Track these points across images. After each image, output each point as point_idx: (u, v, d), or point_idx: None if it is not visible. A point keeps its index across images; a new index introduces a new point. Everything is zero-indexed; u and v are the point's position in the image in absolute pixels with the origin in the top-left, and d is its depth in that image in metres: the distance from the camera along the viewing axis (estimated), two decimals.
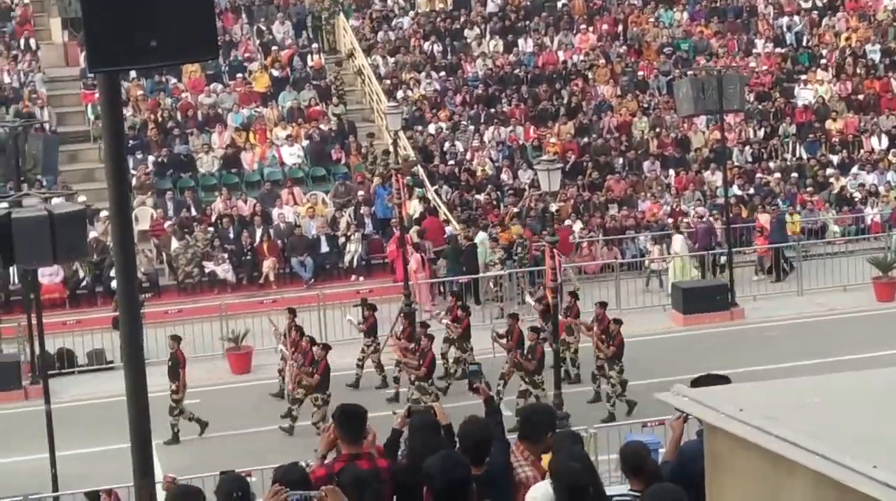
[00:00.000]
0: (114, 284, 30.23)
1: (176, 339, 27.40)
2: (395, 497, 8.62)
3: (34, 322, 26.19)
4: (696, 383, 9.38)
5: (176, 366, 26.82)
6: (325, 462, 9.15)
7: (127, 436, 7.57)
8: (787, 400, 5.70)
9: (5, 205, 22.43)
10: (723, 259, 35.74)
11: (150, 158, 37.77)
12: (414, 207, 36.26)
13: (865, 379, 6.78)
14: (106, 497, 22.20)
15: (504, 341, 25.87)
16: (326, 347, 24.73)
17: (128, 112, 36.51)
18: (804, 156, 40.17)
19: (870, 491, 4.36)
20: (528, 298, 31.12)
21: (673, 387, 6.84)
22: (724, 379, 9.47)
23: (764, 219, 35.89)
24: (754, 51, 45.86)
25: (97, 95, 33.86)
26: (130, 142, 35.91)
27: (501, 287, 34.13)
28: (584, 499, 7.37)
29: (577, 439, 9.84)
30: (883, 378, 6.58)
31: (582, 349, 27.28)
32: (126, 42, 6.52)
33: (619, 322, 26.56)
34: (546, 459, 8.66)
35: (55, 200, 25.98)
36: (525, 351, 25.11)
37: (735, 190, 38.11)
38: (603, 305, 28.44)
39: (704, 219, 36.91)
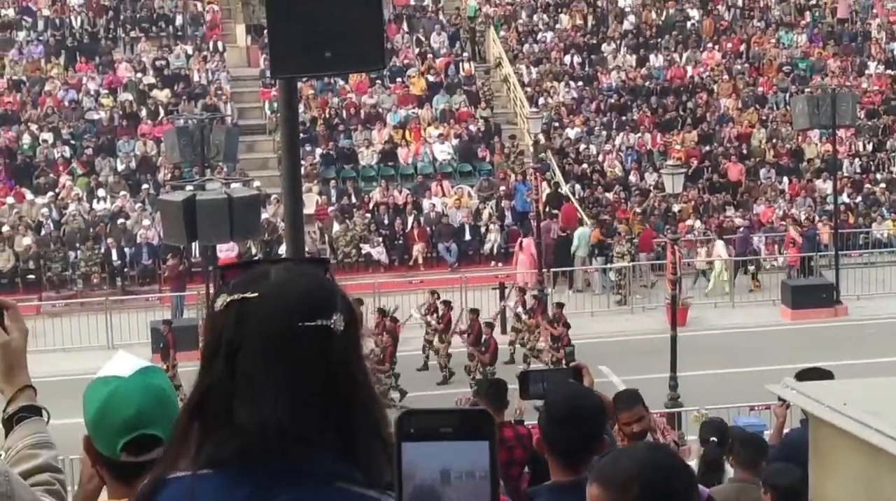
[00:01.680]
0: None
1: (168, 323, 27.22)
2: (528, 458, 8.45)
3: (212, 291, 25.82)
4: (801, 376, 8.86)
5: (167, 348, 26.75)
6: None
7: None
8: (888, 396, 5.37)
9: (191, 188, 24.03)
10: (751, 267, 35.07)
11: (318, 150, 37.73)
12: (548, 197, 36.37)
13: None
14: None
15: (467, 336, 25.33)
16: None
17: (299, 109, 36.75)
18: None
19: None
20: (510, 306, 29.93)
21: (782, 380, 6.61)
22: (828, 375, 9.11)
23: (794, 231, 35.47)
24: (866, 72, 44.69)
25: (274, 93, 36.55)
26: (301, 135, 35.86)
27: (624, 276, 33.65)
28: None
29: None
30: None
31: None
32: (304, 53, 6.74)
33: (567, 325, 26.12)
34: None
35: (234, 185, 26.51)
36: (480, 345, 24.81)
37: (844, 198, 37.48)
38: (560, 306, 27.87)
39: (741, 230, 36.09)
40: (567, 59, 44.69)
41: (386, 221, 36.42)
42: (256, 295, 2.25)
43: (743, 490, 8.53)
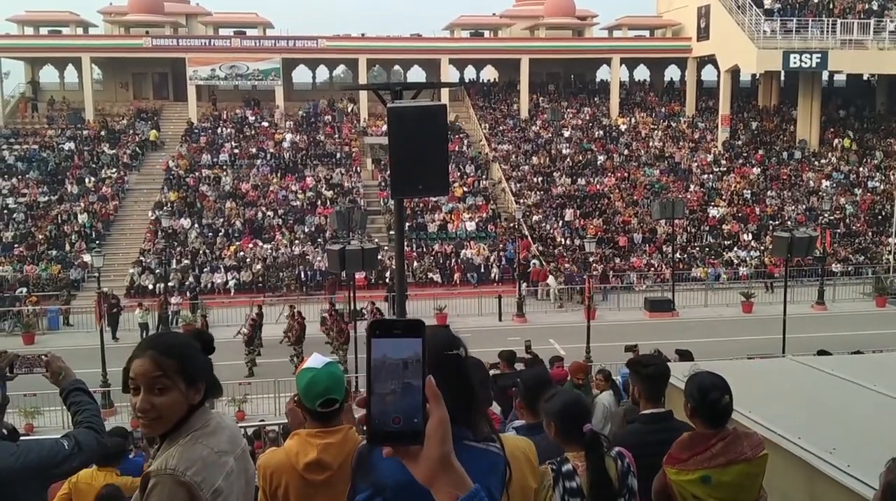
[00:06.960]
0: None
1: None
2: None
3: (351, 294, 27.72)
4: (679, 353, 10.31)
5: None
6: None
7: None
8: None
9: (340, 245, 25.42)
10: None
11: (407, 224, 38.17)
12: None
13: None
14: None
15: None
16: None
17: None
18: None
19: None
20: None
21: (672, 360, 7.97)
22: (688, 354, 9.78)
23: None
24: (690, 187, 47.44)
25: (385, 194, 43.00)
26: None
27: (562, 293, 38.05)
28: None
29: None
30: None
31: None
32: (408, 183, 7.46)
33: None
34: None
35: (364, 242, 28.60)
36: None
37: (678, 255, 40.24)
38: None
39: (624, 272, 38.94)
40: (535, 179, 49.29)
41: (441, 261, 41.39)
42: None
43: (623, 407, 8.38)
